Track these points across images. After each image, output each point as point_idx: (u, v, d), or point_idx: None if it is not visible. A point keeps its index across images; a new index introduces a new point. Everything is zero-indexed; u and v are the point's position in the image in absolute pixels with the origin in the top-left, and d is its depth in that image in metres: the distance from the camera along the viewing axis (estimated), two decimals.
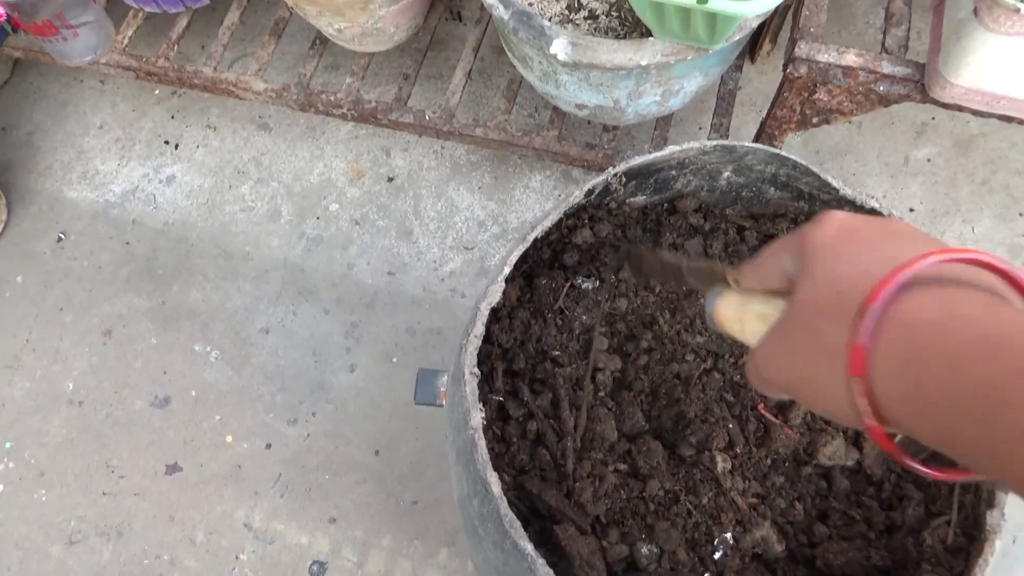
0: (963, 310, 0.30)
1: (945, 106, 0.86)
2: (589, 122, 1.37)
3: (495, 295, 0.60)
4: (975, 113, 0.86)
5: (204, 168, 1.42)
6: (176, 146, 1.45)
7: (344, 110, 1.26)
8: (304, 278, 1.31)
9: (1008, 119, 0.85)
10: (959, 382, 0.28)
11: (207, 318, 1.29)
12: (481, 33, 1.31)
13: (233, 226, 1.37)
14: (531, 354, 0.69)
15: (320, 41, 1.32)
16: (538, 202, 1.35)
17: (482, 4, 1.32)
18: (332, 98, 1.26)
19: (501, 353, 0.69)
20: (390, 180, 1.38)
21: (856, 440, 0.63)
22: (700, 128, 1.39)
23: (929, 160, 1.34)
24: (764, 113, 1.39)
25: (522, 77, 1.22)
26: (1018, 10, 0.71)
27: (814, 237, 0.37)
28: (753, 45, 1.40)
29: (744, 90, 1.42)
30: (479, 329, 0.59)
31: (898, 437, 0.33)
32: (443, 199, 1.36)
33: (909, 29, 0.90)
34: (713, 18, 0.82)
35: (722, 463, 0.62)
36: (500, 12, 0.96)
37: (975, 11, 0.75)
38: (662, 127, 1.21)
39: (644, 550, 0.60)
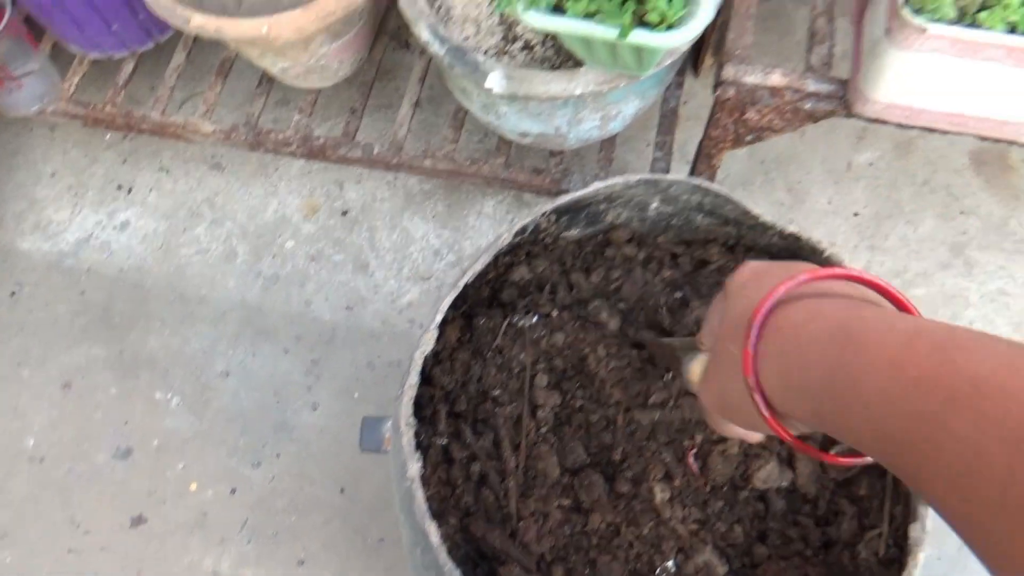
0: (822, 311, 0.36)
1: (869, 120, 0.88)
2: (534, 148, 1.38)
3: (428, 343, 0.61)
4: (899, 126, 0.88)
5: (158, 212, 1.42)
6: (129, 191, 1.45)
7: (293, 148, 1.27)
8: (262, 318, 1.31)
9: (930, 130, 0.87)
10: (818, 364, 0.33)
11: (166, 364, 1.29)
12: (426, 62, 1.32)
13: (189, 269, 1.36)
14: (472, 395, 0.70)
15: (267, 79, 1.33)
16: (492, 228, 1.36)
17: None
18: (281, 136, 1.27)
19: (443, 395, 0.70)
20: (344, 214, 1.39)
21: (790, 461, 0.65)
22: (648, 144, 1.41)
23: (871, 164, 1.37)
24: None
25: None
26: (925, 30, 0.73)
27: (730, 286, 0.43)
28: (696, 60, 1.43)
29: (690, 104, 1.44)
30: (413, 379, 0.60)
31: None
32: (398, 230, 1.37)
33: (832, 47, 0.93)
34: (639, 48, 0.83)
35: (660, 493, 0.63)
36: (436, 48, 0.97)
37: (887, 30, 0.77)
38: (607, 148, 1.23)
39: None
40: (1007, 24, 0.74)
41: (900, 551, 0.60)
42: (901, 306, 0.38)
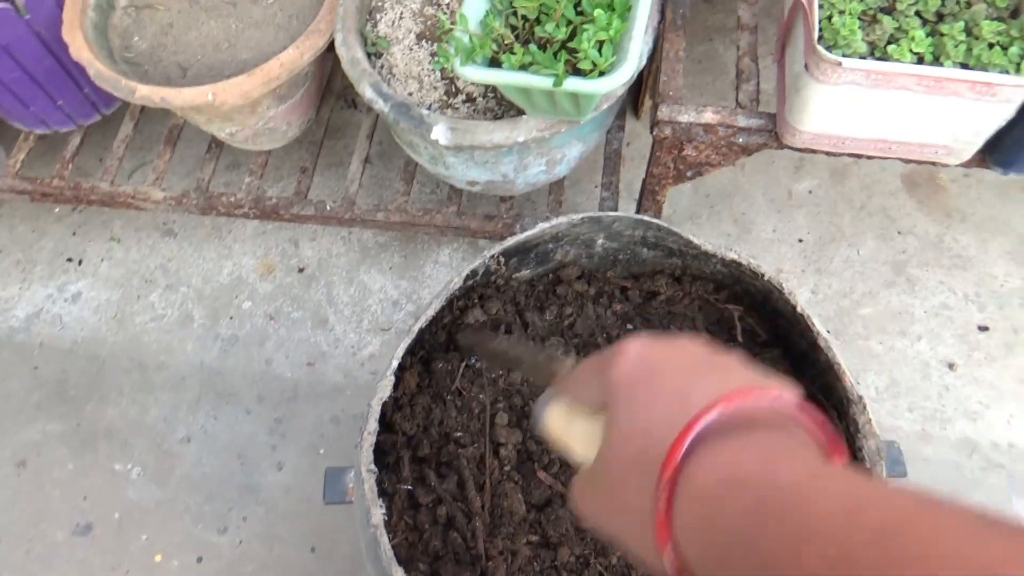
0: (742, 471, 0.31)
1: (799, 151, 0.93)
2: (483, 195, 1.41)
3: (385, 390, 0.62)
4: (827, 154, 0.92)
5: (110, 281, 1.41)
6: (80, 262, 1.43)
7: (246, 209, 1.27)
8: (222, 380, 1.30)
9: (857, 156, 0.92)
10: (746, 544, 0.29)
11: (126, 435, 1.26)
12: (374, 119, 1.35)
13: (145, 336, 1.35)
14: (435, 438, 0.70)
15: (216, 144, 1.34)
16: (449, 275, 1.37)
17: None
18: (233, 199, 1.28)
19: (406, 441, 0.70)
20: (301, 271, 1.39)
21: None
22: (596, 186, 1.45)
23: (810, 192, 1.43)
24: None
25: None
26: (840, 63, 0.78)
27: (613, 373, 0.36)
28: (636, 102, 1.48)
29: (633, 145, 1.49)
30: (372, 425, 0.60)
31: None
32: (355, 283, 1.37)
33: (758, 84, 0.98)
34: (575, 95, 0.87)
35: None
36: (380, 106, 1.00)
37: (806, 66, 0.82)
38: (556, 191, 1.26)
39: None
40: (914, 55, 0.79)
41: None
42: (831, 448, 0.33)
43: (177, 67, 1.16)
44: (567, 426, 0.41)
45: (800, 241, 1.38)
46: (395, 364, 0.63)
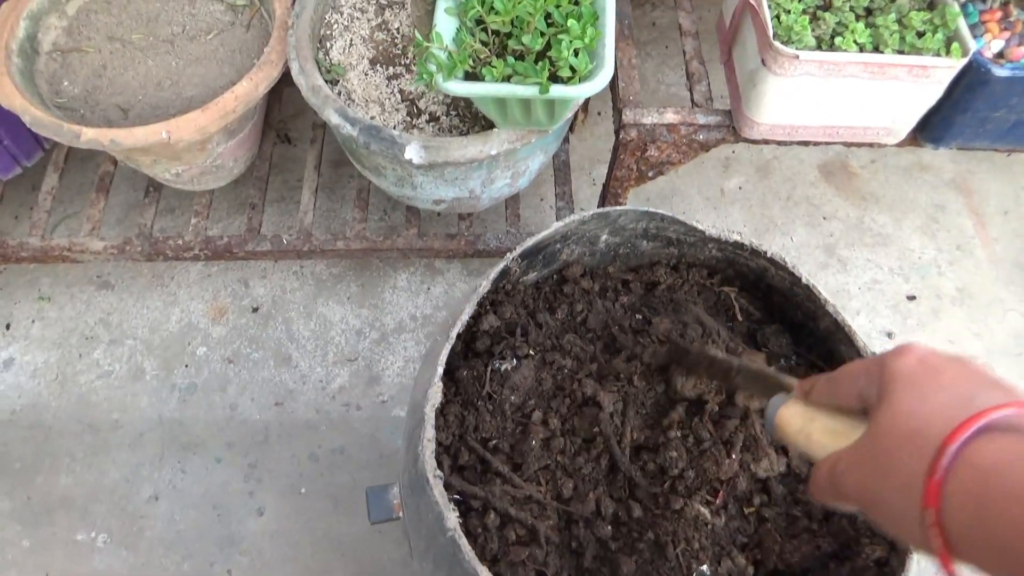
0: None
1: (755, 142, 0.99)
2: (439, 214, 1.43)
3: (436, 396, 0.62)
4: (779, 143, 1.00)
5: (45, 342, 1.32)
6: (7, 326, 1.33)
7: (196, 251, 1.23)
8: (185, 431, 1.24)
9: (806, 143, 1.00)
10: (1019, 519, 0.31)
11: (84, 502, 1.18)
12: (319, 151, 1.34)
13: (92, 396, 1.27)
14: (472, 446, 0.70)
15: (154, 187, 1.29)
16: (409, 299, 1.37)
17: (313, 123, 1.35)
18: (180, 242, 1.23)
19: (444, 450, 0.70)
20: (255, 310, 1.35)
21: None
22: (542, 199, 1.49)
23: (740, 188, 1.52)
24: (592, 176, 1.52)
25: (370, 184, 1.26)
26: (797, 56, 0.84)
27: (895, 368, 0.40)
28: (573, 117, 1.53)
29: (571, 157, 1.54)
30: (430, 433, 0.60)
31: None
32: (315, 317, 1.35)
33: (710, 84, 1.04)
34: (552, 103, 0.90)
35: (699, 507, 0.66)
36: (349, 130, 0.99)
37: (763, 61, 0.88)
38: (513, 206, 1.29)
39: None
40: (857, 45, 0.87)
41: None
42: None
43: (117, 109, 1.11)
44: (807, 422, 0.45)
45: (738, 234, 1.46)
46: (439, 370, 0.63)
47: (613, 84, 1.05)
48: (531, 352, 0.75)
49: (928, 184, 1.53)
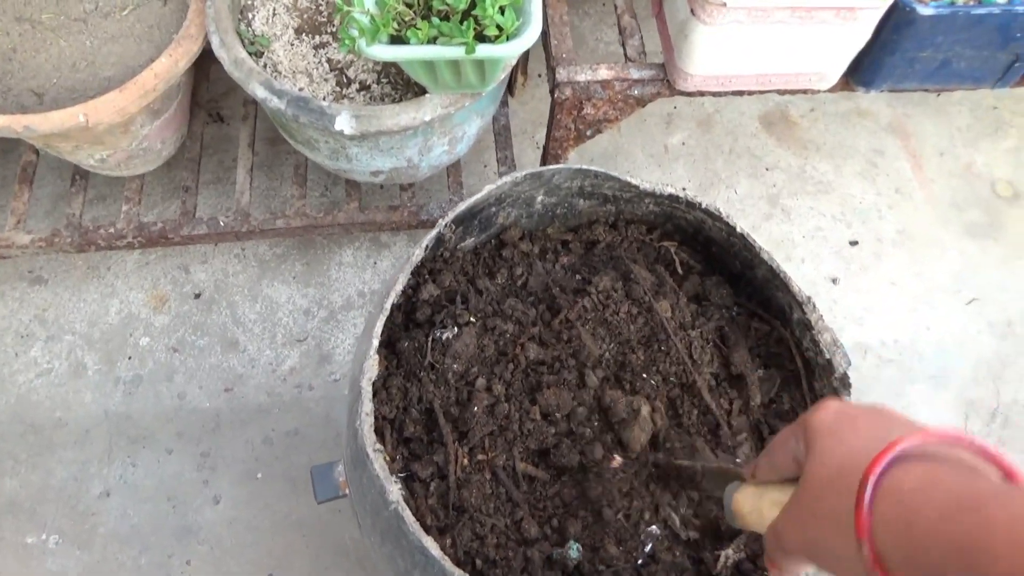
0: (940, 479, 0.36)
1: (689, 95, 0.99)
2: (382, 186, 1.40)
3: (372, 369, 0.60)
4: (714, 95, 0.99)
5: None
6: None
7: (129, 239, 1.19)
8: (133, 424, 1.21)
9: (740, 93, 1.00)
10: (944, 535, 0.33)
11: (32, 504, 1.14)
12: (252, 128, 1.30)
13: (33, 395, 1.23)
14: (416, 416, 0.69)
15: (80, 176, 1.24)
16: (356, 275, 1.34)
17: (244, 100, 1.31)
18: (112, 230, 1.19)
19: (387, 424, 0.69)
20: (197, 296, 1.32)
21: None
22: (485, 166, 1.47)
23: (683, 143, 1.52)
24: (536, 139, 1.51)
25: (307, 160, 1.23)
26: (724, 4, 0.84)
27: (815, 422, 0.43)
28: (510, 81, 1.51)
29: (512, 121, 1.52)
30: (367, 407, 0.59)
31: None
32: (260, 299, 1.32)
33: (642, 38, 1.03)
34: (481, 64, 0.88)
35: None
36: (276, 103, 0.96)
37: (692, 11, 0.87)
38: (455, 173, 1.27)
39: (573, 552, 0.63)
40: None
41: None
42: (1008, 474, 0.38)
43: (30, 94, 1.06)
44: (758, 500, 0.48)
45: (684, 190, 1.45)
46: (375, 342, 0.62)
47: (546, 43, 1.03)
48: (472, 319, 0.74)
49: (867, 129, 1.54)
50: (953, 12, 0.87)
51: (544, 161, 1.15)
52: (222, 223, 1.20)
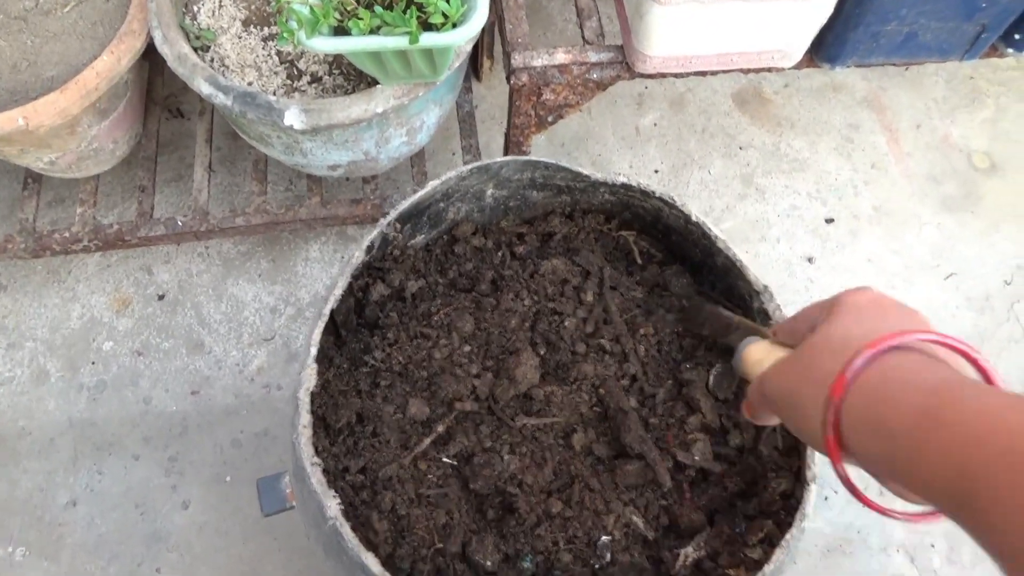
0: (929, 366, 0.37)
1: (651, 77, 0.96)
2: (348, 179, 1.37)
3: (310, 379, 0.58)
4: (676, 76, 0.96)
5: None
6: None
7: (85, 243, 1.16)
8: (98, 431, 1.18)
9: (703, 74, 0.97)
10: (907, 412, 0.35)
11: None
12: (209, 123, 1.26)
13: None
14: (370, 415, 0.67)
15: (33, 179, 1.21)
16: (323, 270, 1.32)
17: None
18: (67, 234, 1.15)
19: (335, 433, 0.67)
20: (161, 298, 1.29)
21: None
22: (453, 154, 1.44)
23: (655, 124, 1.49)
24: (505, 124, 1.47)
25: (267, 155, 1.20)
26: None
27: (849, 298, 0.44)
28: (475, 66, 1.48)
29: (480, 108, 1.49)
30: (304, 419, 0.57)
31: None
32: (225, 298, 1.29)
33: (600, 20, 1.00)
34: (430, 53, 0.85)
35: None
36: (222, 99, 0.93)
37: None
38: (419, 164, 1.24)
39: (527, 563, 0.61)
40: None
41: (795, 439, 0.66)
42: (986, 376, 0.40)
43: None
44: (765, 356, 0.50)
45: (656, 172, 1.43)
46: (313, 351, 0.59)
47: (501, 27, 1.00)
48: (424, 319, 0.72)
49: (841, 104, 1.52)
50: None
51: (507, 149, 1.12)
52: (180, 223, 1.17)
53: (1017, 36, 0.98)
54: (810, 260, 1.36)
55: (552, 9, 1.60)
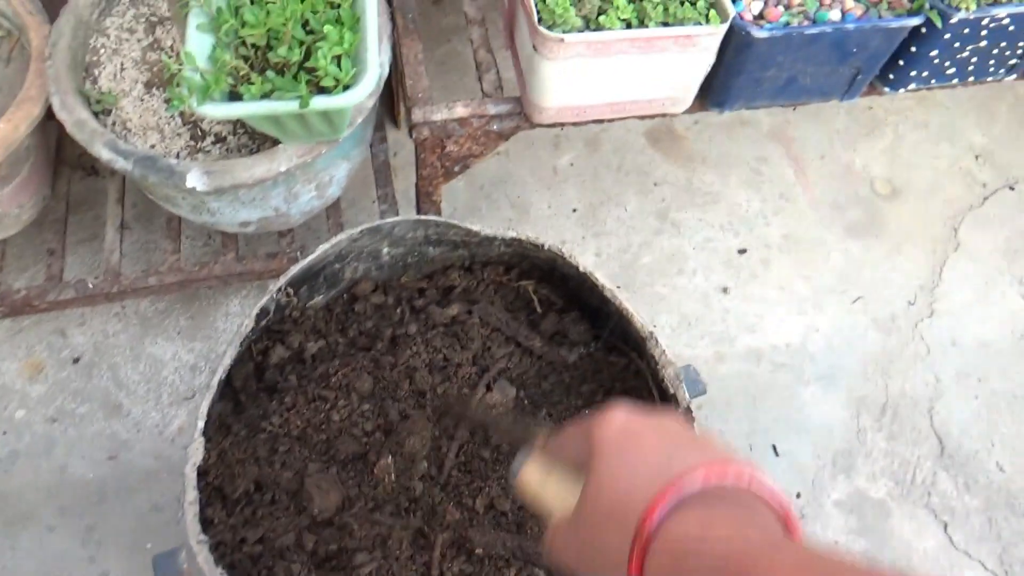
0: (714, 531, 0.35)
1: (549, 126, 0.99)
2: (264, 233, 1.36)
3: (196, 454, 0.58)
4: (574, 124, 0.99)
5: None
6: None
7: None
8: (10, 505, 1.14)
9: (600, 122, 1.00)
10: None
11: None
12: (121, 183, 1.25)
13: None
14: (269, 483, 0.67)
15: None
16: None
17: None
18: None
19: (235, 499, 0.67)
20: (76, 361, 1.26)
21: None
22: (374, 201, 1.44)
23: (572, 164, 1.52)
24: None
25: None
26: (562, 39, 0.84)
27: (597, 434, 0.41)
28: (392, 113, 1.49)
29: (401, 154, 1.50)
30: (191, 495, 0.56)
31: None
32: (144, 358, 1.27)
33: (499, 72, 1.03)
34: (327, 114, 0.86)
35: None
36: (122, 164, 0.93)
37: (534, 47, 0.87)
38: (335, 215, 1.25)
39: None
40: (623, 22, 0.87)
41: None
42: (787, 522, 0.38)
43: None
44: (542, 482, 0.45)
45: (574, 211, 1.47)
46: (200, 424, 0.59)
47: (401, 82, 1.02)
48: (323, 381, 0.72)
49: (749, 138, 1.58)
50: (787, 33, 0.89)
51: (418, 199, 1.14)
52: (91, 285, 1.15)
53: (891, 76, 1.04)
54: (725, 291, 1.40)
55: (467, 56, 1.63)
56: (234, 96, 0.84)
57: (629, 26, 0.87)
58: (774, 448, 1.26)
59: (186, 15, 0.84)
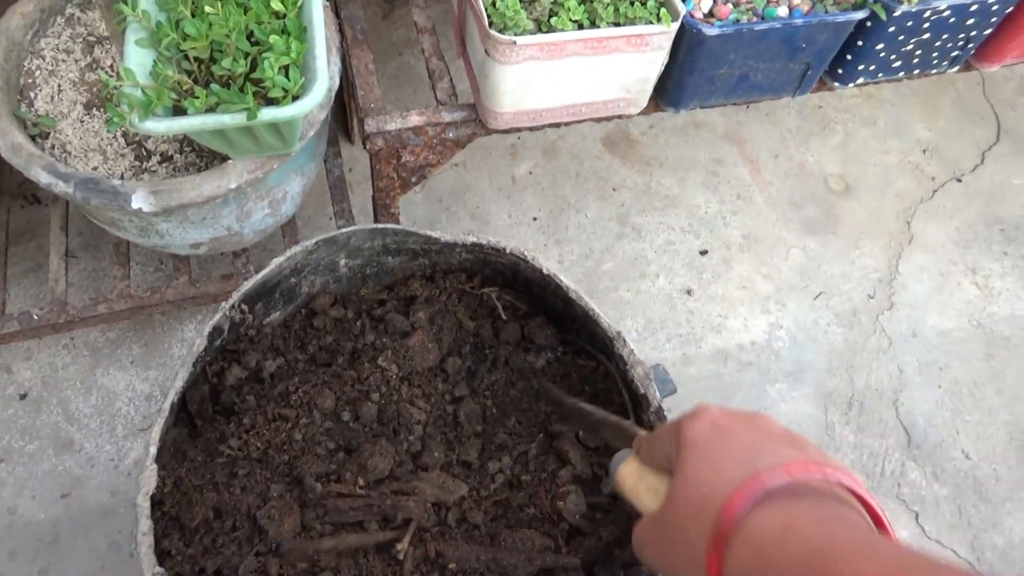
0: (796, 524, 0.34)
1: (505, 132, 0.98)
2: (218, 254, 1.33)
3: (149, 482, 0.55)
4: (530, 129, 0.98)
5: None
6: None
7: None
8: None
9: (556, 125, 0.99)
10: None
11: None
12: (64, 209, 1.20)
13: None
14: (228, 510, 0.64)
15: None
16: None
17: None
18: None
19: (193, 529, 0.63)
20: (23, 397, 1.21)
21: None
22: (330, 218, 1.42)
23: (531, 173, 1.52)
24: None
25: None
26: (514, 42, 0.83)
27: (687, 432, 0.41)
28: (346, 128, 1.47)
29: (356, 169, 1.48)
30: (145, 525, 0.53)
31: None
32: (95, 391, 1.22)
33: (452, 80, 1.01)
34: (276, 126, 0.84)
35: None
36: (63, 187, 0.89)
37: (486, 52, 0.86)
38: (290, 232, 1.22)
39: None
40: (574, 23, 0.87)
41: None
42: (876, 519, 0.37)
43: None
44: (637, 481, 0.47)
45: (535, 219, 1.46)
46: (152, 450, 0.56)
47: (353, 93, 1.00)
48: (283, 399, 0.69)
49: (704, 140, 1.59)
50: (738, 30, 0.89)
51: (376, 212, 1.12)
52: (36, 317, 1.10)
53: (840, 71, 1.05)
54: (689, 292, 1.40)
55: (421, 68, 1.62)
56: (178, 111, 0.81)
57: (581, 27, 0.87)
58: None
59: (124, 30, 0.81)
